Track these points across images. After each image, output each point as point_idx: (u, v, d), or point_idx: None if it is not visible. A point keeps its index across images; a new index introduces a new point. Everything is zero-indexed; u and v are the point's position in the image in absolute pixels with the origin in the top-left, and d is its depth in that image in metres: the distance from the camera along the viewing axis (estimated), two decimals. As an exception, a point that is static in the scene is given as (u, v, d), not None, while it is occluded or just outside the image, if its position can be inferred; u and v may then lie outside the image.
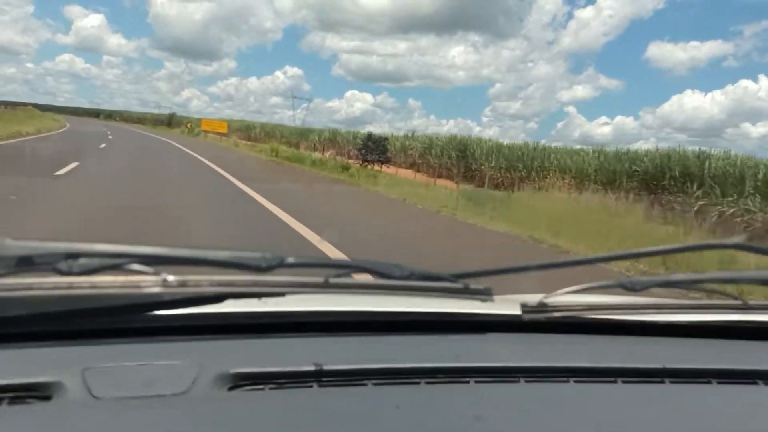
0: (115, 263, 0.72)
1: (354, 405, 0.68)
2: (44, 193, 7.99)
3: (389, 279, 0.85)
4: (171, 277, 0.72)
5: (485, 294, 0.89)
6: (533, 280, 1.03)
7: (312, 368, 0.72)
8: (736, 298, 0.96)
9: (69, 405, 0.63)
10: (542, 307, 0.92)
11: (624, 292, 0.91)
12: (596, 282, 0.94)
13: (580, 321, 0.93)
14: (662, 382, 0.80)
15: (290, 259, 0.77)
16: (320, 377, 0.72)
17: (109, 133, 36.82)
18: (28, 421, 0.61)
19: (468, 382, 0.75)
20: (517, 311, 0.92)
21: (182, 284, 0.73)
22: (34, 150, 17.02)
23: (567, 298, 0.94)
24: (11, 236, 0.71)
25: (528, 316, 0.91)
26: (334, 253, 5.27)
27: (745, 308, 0.96)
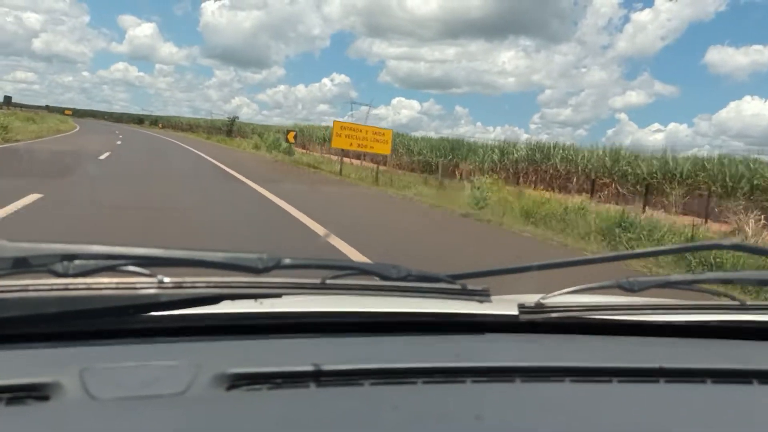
0: (111, 264, 0.72)
1: (352, 405, 0.68)
2: None
3: (386, 280, 0.85)
4: (167, 279, 0.72)
5: (482, 295, 0.89)
6: (531, 281, 1.03)
7: (309, 368, 0.73)
8: (733, 299, 0.96)
9: (67, 405, 0.63)
10: (539, 307, 0.92)
11: (622, 293, 0.91)
12: (594, 282, 0.95)
13: (578, 321, 0.93)
14: (657, 381, 0.80)
15: (287, 260, 0.77)
16: (318, 377, 0.72)
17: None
18: (25, 422, 0.61)
19: (465, 381, 0.75)
20: (515, 312, 0.92)
21: (178, 285, 0.73)
22: None
23: (564, 298, 0.94)
24: (8, 238, 0.71)
25: (525, 317, 0.91)
26: None
27: (743, 308, 0.96)
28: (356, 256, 5.43)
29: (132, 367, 0.71)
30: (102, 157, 16.29)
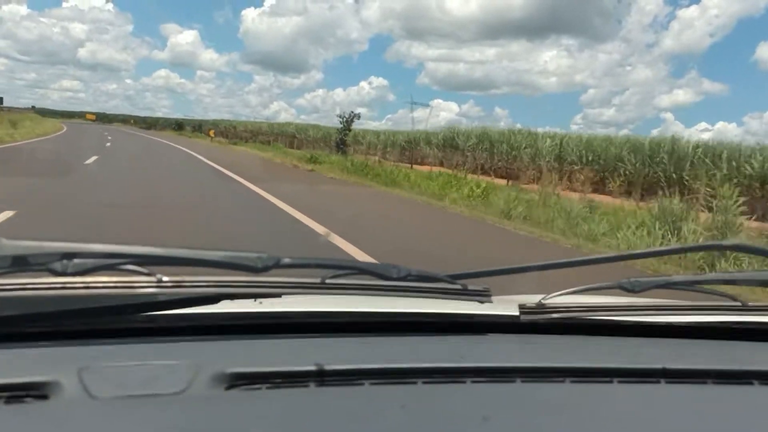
0: (110, 263, 0.71)
1: (352, 404, 0.68)
2: None
3: (386, 280, 0.85)
4: (166, 278, 0.72)
5: (483, 295, 0.89)
6: (531, 282, 1.03)
7: (309, 368, 0.72)
8: (734, 299, 0.96)
9: (66, 404, 0.63)
10: (540, 308, 0.92)
11: (623, 293, 0.91)
12: (595, 283, 0.94)
13: (579, 322, 0.93)
14: (658, 382, 0.80)
15: (286, 260, 0.77)
16: (317, 377, 0.72)
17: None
18: (25, 421, 0.61)
19: (465, 382, 0.75)
20: (515, 312, 0.91)
21: (177, 284, 0.73)
22: None
23: (565, 299, 0.94)
24: (6, 236, 0.71)
25: (526, 317, 0.91)
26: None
27: (744, 309, 0.96)
28: None
29: (131, 366, 0.70)
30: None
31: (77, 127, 57.18)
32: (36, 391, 0.64)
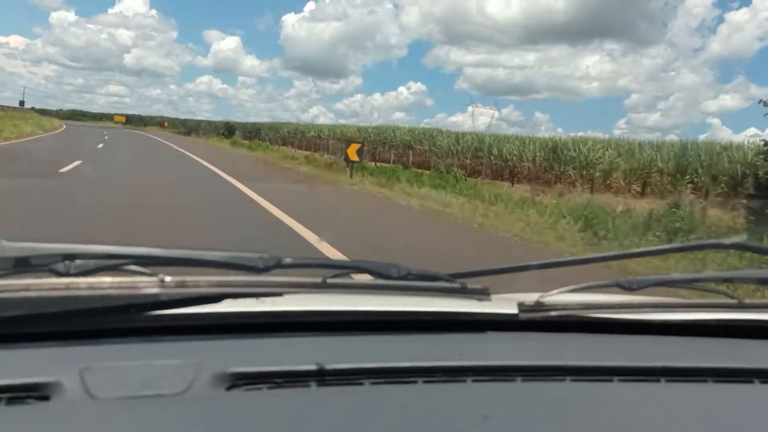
0: (112, 264, 0.72)
1: (353, 404, 0.68)
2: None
3: (387, 279, 0.85)
4: (168, 278, 0.73)
5: (482, 293, 0.89)
6: (531, 280, 1.03)
7: (310, 367, 0.73)
8: (732, 297, 0.96)
9: (68, 405, 0.63)
10: (539, 306, 0.92)
11: (621, 291, 0.91)
12: (593, 281, 0.95)
13: (577, 320, 0.93)
14: (658, 380, 0.80)
15: (287, 260, 0.78)
16: (318, 376, 0.72)
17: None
18: (26, 421, 0.61)
19: (465, 381, 0.75)
20: (514, 310, 0.92)
21: (180, 285, 0.73)
22: None
23: (564, 297, 0.94)
24: (8, 238, 0.71)
25: (525, 316, 0.91)
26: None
27: (742, 307, 0.96)
28: None
29: (132, 366, 0.71)
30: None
31: (74, 130, 43.52)
32: (37, 392, 0.64)
